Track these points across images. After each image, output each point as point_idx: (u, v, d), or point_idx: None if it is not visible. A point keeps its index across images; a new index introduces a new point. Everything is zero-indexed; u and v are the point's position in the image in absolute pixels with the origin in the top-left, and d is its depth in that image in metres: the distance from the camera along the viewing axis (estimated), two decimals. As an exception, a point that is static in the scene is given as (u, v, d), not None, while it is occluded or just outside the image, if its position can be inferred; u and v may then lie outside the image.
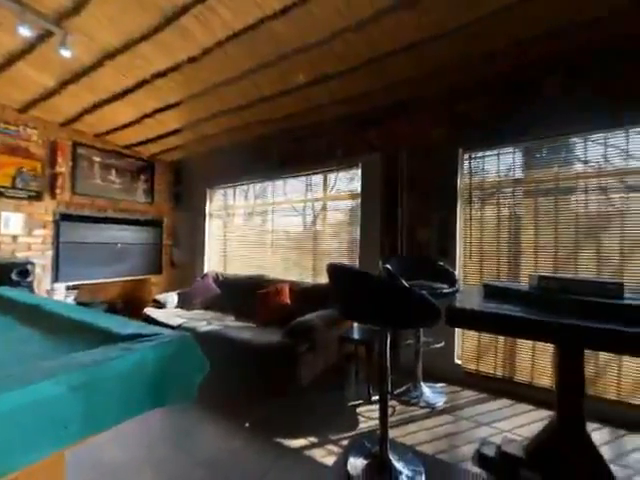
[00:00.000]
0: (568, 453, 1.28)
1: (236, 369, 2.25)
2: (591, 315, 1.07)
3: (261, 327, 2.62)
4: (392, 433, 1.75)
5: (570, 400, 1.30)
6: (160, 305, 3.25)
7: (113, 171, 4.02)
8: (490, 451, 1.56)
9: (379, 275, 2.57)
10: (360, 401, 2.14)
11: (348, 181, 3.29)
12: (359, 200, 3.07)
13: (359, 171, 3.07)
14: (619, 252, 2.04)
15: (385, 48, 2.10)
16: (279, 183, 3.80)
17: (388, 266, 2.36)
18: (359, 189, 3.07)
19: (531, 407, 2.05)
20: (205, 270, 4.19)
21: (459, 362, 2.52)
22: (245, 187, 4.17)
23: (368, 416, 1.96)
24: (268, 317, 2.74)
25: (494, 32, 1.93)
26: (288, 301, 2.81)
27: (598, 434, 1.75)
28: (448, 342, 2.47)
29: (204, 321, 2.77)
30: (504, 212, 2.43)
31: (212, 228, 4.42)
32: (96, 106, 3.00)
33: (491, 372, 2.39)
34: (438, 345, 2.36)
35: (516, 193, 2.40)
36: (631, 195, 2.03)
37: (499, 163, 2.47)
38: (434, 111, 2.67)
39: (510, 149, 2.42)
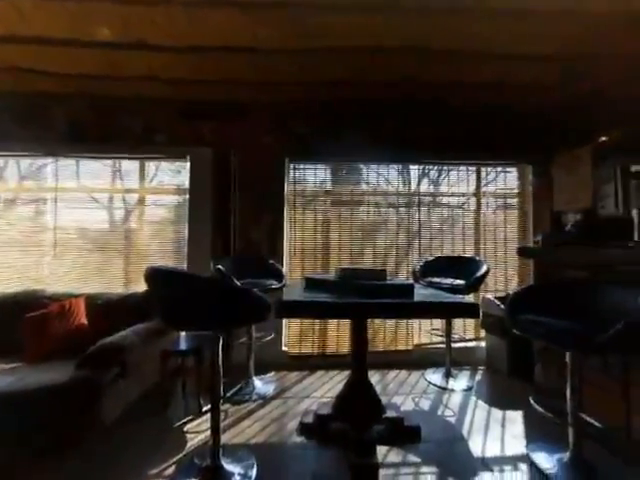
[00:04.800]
0: (357, 397, 1.73)
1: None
2: (369, 294, 1.49)
3: (34, 365, 1.84)
4: (226, 437, 1.71)
5: (358, 357, 1.75)
6: None
7: None
8: (310, 419, 1.84)
9: (210, 276, 2.45)
10: (189, 417, 1.95)
11: (174, 174, 2.92)
12: (187, 196, 2.79)
13: (187, 164, 2.79)
14: (383, 248, 2.97)
15: (217, 42, 2.02)
16: (68, 163, 2.82)
17: (220, 267, 2.29)
18: (187, 184, 2.79)
19: (338, 372, 2.59)
20: None
21: (285, 349, 2.82)
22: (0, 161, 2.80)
23: (198, 430, 1.82)
24: (47, 349, 1.96)
25: (313, 65, 2.28)
26: (84, 321, 2.14)
27: (373, 377, 2.47)
28: (277, 332, 2.70)
29: None
30: (319, 217, 2.95)
31: None
32: None
33: (309, 351, 2.84)
34: (269, 338, 2.53)
35: (327, 202, 2.97)
36: (390, 209, 3.01)
37: (316, 176, 2.97)
38: (267, 118, 2.84)
39: (323, 165, 2.97)
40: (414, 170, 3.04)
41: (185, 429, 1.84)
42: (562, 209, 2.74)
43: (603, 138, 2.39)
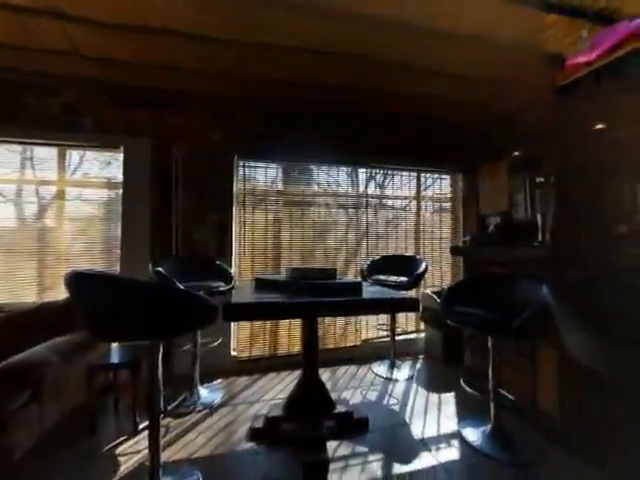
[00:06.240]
0: (308, 397, 1.74)
1: None
2: (319, 293, 1.51)
3: None
4: (167, 454, 1.58)
5: (309, 357, 1.77)
6: None
7: None
8: (260, 423, 1.80)
9: (148, 280, 2.23)
10: (123, 437, 1.75)
11: (103, 165, 2.59)
12: (120, 191, 2.50)
13: (121, 155, 2.50)
14: (334, 248, 3.04)
15: (155, 22, 1.84)
16: (-43, 146, 2.31)
17: (160, 269, 2.10)
18: (120, 177, 2.50)
19: (290, 372, 2.58)
20: None
21: (235, 354, 2.71)
22: None
23: (134, 450, 1.65)
24: None
25: (260, 61, 2.21)
26: (-18, 337, 1.77)
27: (324, 374, 2.52)
28: (225, 337, 2.58)
29: None
30: (270, 216, 2.89)
31: None
32: None
33: (260, 354, 2.77)
34: (216, 343, 2.40)
35: (278, 202, 2.93)
36: (340, 210, 3.10)
37: (267, 175, 2.91)
38: (214, 113, 2.69)
39: (275, 165, 2.92)
40: (362, 173, 3.18)
41: (118, 451, 1.65)
42: (486, 213, 3.14)
43: (516, 153, 2.80)
